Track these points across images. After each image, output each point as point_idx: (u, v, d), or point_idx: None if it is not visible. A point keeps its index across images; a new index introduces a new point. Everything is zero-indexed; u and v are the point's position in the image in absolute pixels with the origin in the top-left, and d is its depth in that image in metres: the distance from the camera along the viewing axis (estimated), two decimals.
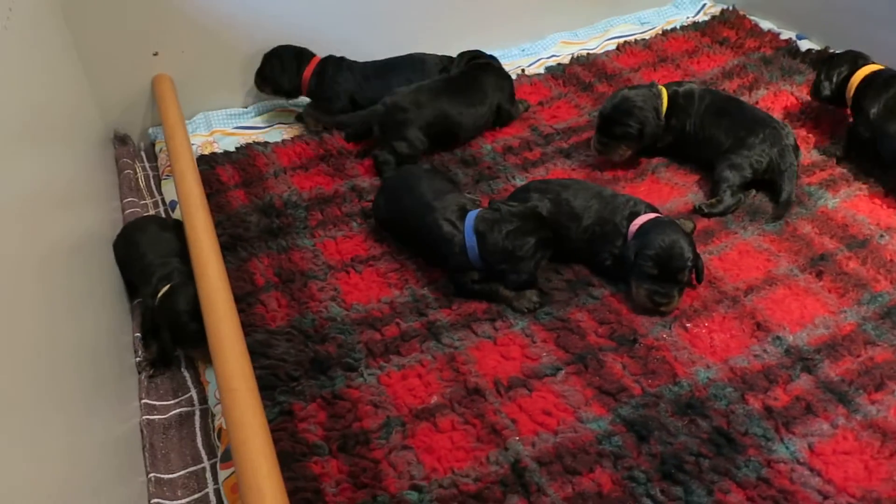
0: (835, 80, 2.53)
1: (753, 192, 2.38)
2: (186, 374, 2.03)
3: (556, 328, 1.97)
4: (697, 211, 2.33)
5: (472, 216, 2.06)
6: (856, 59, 2.53)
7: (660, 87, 2.57)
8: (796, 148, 2.38)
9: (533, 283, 2.06)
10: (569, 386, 1.82)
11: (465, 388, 1.83)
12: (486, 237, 2.01)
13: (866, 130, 2.39)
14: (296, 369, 1.88)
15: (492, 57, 2.88)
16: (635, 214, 2.08)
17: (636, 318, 1.98)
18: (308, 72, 2.87)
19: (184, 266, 2.07)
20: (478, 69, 2.78)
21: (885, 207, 2.28)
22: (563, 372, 1.86)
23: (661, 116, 2.50)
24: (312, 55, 2.91)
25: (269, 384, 1.84)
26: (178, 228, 2.24)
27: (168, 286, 2.02)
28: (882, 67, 2.45)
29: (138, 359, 2.02)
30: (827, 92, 2.54)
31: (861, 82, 2.43)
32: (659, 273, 1.95)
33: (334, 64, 2.88)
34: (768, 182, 2.37)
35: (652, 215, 2.08)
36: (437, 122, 2.63)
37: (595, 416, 1.74)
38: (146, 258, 2.12)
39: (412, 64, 2.87)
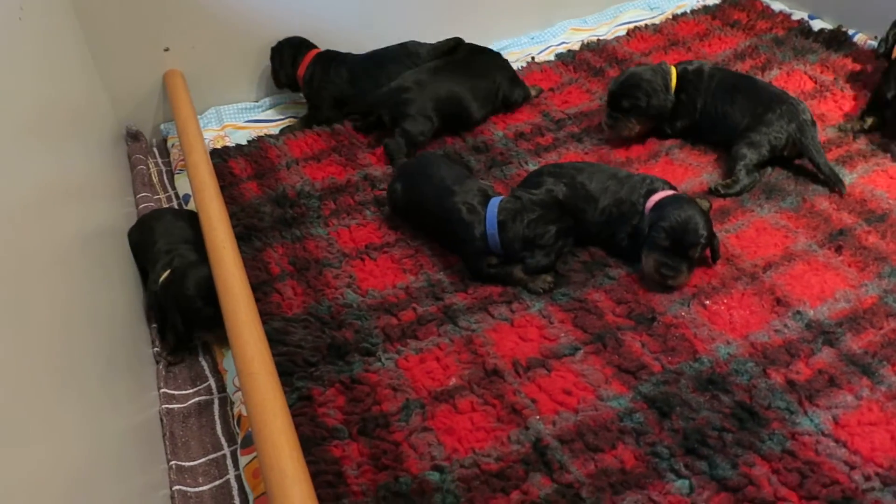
0: (890, 40, 2.55)
1: (769, 170, 2.36)
2: (204, 362, 2.03)
3: (574, 309, 1.96)
4: (713, 192, 2.31)
5: (494, 203, 2.07)
6: None
7: (669, 65, 2.56)
8: (813, 123, 2.36)
9: (551, 269, 2.05)
10: (588, 365, 1.81)
11: (483, 370, 1.82)
12: (507, 225, 2.02)
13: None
14: (313, 355, 1.88)
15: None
16: (652, 191, 2.07)
17: (654, 296, 1.97)
18: (302, 68, 2.86)
19: (190, 253, 2.08)
20: (476, 52, 2.80)
21: None
22: (582, 351, 1.84)
23: (669, 90, 2.49)
24: (311, 48, 2.90)
25: (288, 370, 1.84)
26: (192, 218, 2.24)
27: (169, 271, 2.03)
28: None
29: (156, 349, 2.02)
30: (881, 50, 2.57)
31: None
32: (671, 246, 1.94)
33: (325, 62, 2.84)
34: (787, 159, 2.35)
35: (670, 192, 2.06)
36: (444, 98, 2.63)
37: (616, 394, 1.73)
38: (157, 245, 2.14)
39: (408, 55, 2.85)
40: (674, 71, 2.53)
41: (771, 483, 1.51)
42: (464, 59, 2.77)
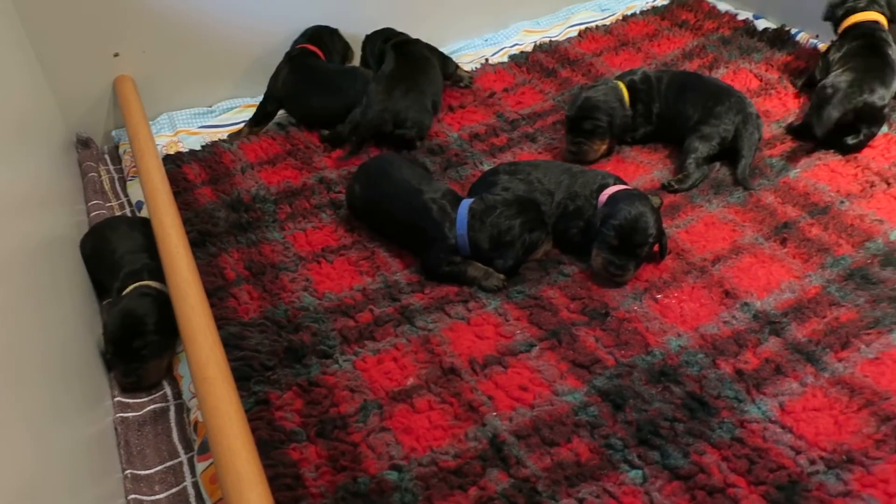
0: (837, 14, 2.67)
1: (717, 165, 2.42)
2: None
3: (529, 306, 1.99)
4: (666, 187, 2.36)
5: (465, 204, 2.09)
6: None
7: (614, 81, 2.61)
8: (757, 117, 2.43)
9: (518, 267, 2.08)
10: (543, 361, 1.83)
11: (440, 369, 1.83)
12: (475, 226, 2.04)
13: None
14: (270, 359, 1.88)
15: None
16: (604, 186, 2.12)
17: (607, 292, 2.01)
18: None
19: (153, 262, 2.05)
20: (404, 51, 2.83)
21: (844, 175, 2.32)
22: (538, 348, 1.87)
23: (625, 105, 2.54)
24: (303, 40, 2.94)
25: (244, 375, 1.83)
26: (146, 226, 2.22)
27: (133, 286, 2.00)
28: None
29: (109, 356, 2.00)
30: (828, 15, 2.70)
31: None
32: (619, 244, 1.98)
33: (286, 61, 2.87)
34: (730, 151, 2.42)
35: (622, 187, 2.11)
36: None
37: (570, 389, 1.76)
38: (115, 254, 2.10)
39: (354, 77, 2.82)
40: (622, 85, 2.58)
41: (721, 470, 1.55)
42: (405, 62, 2.78)
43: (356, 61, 3.10)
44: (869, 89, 2.35)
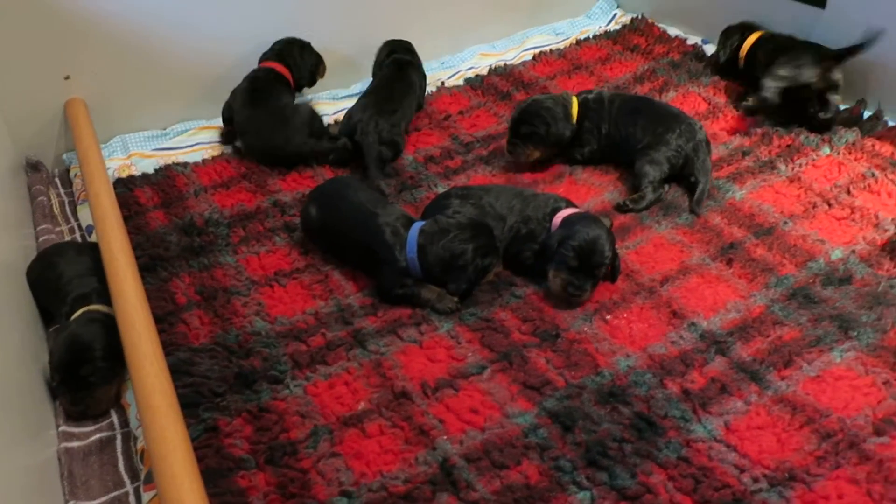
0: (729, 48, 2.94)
1: (667, 187, 2.46)
2: None
3: (481, 328, 2.00)
4: (621, 207, 2.40)
5: (416, 226, 2.10)
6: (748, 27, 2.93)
7: (571, 94, 2.65)
8: (708, 143, 2.48)
9: (472, 291, 2.08)
10: (495, 383, 1.84)
11: (392, 393, 1.83)
12: (425, 249, 2.05)
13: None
14: (220, 385, 1.86)
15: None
16: (557, 210, 2.14)
17: (558, 313, 2.03)
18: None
19: (102, 285, 2.02)
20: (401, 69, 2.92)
21: (788, 196, 2.39)
22: (489, 370, 1.88)
23: (570, 119, 2.57)
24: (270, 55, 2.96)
25: (193, 402, 1.81)
26: (95, 250, 2.19)
27: (81, 312, 1.97)
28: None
29: (54, 384, 1.96)
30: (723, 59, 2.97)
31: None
32: (578, 265, 2.00)
33: (244, 86, 2.85)
34: (682, 177, 2.46)
35: (575, 210, 2.14)
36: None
37: (521, 411, 1.76)
38: (62, 279, 2.07)
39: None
40: (575, 101, 2.62)
41: (667, 490, 1.57)
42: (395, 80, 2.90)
43: (357, 70, 3.15)
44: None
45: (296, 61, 2.96)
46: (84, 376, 1.87)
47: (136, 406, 1.63)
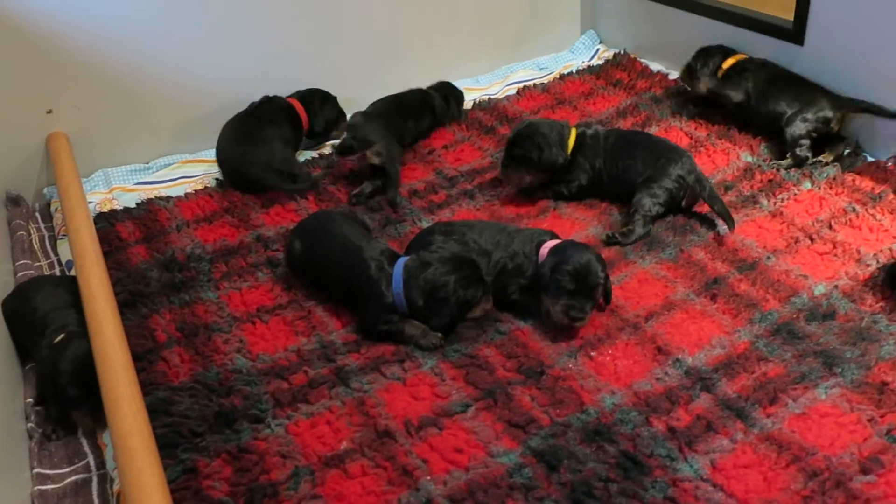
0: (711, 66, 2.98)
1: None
2: (83, 438, 1.93)
3: (465, 365, 1.98)
4: (610, 239, 2.40)
5: (401, 262, 2.09)
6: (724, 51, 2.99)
7: (570, 125, 2.67)
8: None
9: (455, 325, 2.07)
10: (479, 421, 1.82)
11: (375, 432, 1.80)
12: (409, 283, 2.04)
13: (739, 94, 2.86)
14: (199, 425, 1.82)
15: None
16: (542, 242, 2.15)
17: (542, 350, 2.01)
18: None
19: (80, 316, 2.00)
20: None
21: (770, 231, 2.40)
22: (473, 408, 1.86)
23: (565, 147, 2.58)
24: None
25: (172, 442, 1.77)
26: (72, 284, 2.16)
27: (63, 335, 1.94)
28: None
29: (30, 424, 1.92)
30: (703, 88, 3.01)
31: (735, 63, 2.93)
32: (576, 288, 2.00)
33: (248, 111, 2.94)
34: (679, 209, 2.51)
35: (559, 241, 2.14)
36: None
37: (506, 450, 1.74)
38: (38, 312, 2.05)
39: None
40: (574, 132, 2.64)
41: None
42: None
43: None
44: None
45: (314, 108, 3.01)
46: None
47: (113, 448, 1.59)
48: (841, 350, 1.93)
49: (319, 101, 3.05)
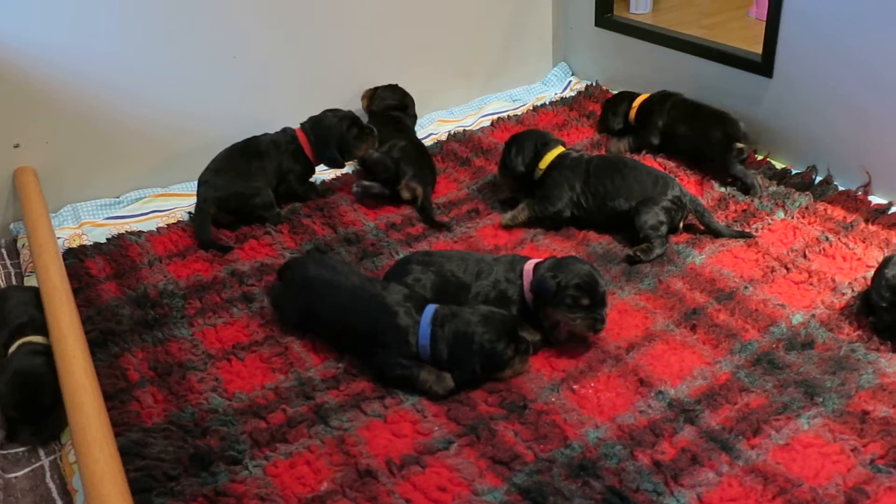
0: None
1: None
2: (52, 484, 1.86)
3: (447, 401, 1.95)
4: (631, 259, 2.44)
5: (430, 310, 2.00)
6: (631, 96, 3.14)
7: (563, 147, 2.75)
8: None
9: (475, 383, 1.98)
10: (462, 458, 1.79)
11: (356, 471, 1.76)
12: (436, 332, 1.96)
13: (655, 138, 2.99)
14: (174, 468, 1.76)
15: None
16: (521, 262, 2.17)
17: (524, 384, 1.99)
18: None
19: (41, 315, 2.02)
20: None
21: (746, 260, 2.42)
22: (456, 444, 1.82)
23: (537, 159, 2.68)
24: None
25: (145, 486, 1.71)
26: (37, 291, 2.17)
27: (21, 342, 1.97)
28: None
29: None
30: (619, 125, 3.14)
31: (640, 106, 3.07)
32: (590, 300, 2.03)
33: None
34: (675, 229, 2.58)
35: (541, 260, 2.16)
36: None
37: (490, 488, 1.71)
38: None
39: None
40: (557, 150, 2.69)
41: None
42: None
43: None
44: None
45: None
46: (42, 406, 1.90)
47: (84, 494, 1.53)
48: (821, 379, 1.93)
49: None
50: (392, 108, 3.19)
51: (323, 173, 3.04)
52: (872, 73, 2.60)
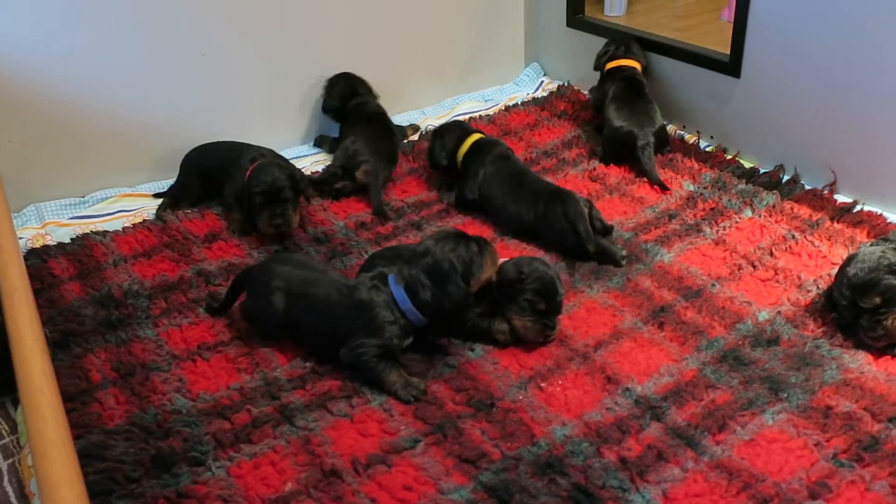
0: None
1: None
2: (9, 487, 1.82)
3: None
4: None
5: (390, 278, 1.99)
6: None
7: (477, 134, 2.82)
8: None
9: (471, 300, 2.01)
10: (429, 457, 1.77)
11: (321, 472, 1.74)
12: (409, 289, 1.95)
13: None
14: (135, 470, 1.73)
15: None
16: None
17: (492, 382, 1.98)
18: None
19: None
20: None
21: (714, 258, 2.43)
22: (423, 443, 1.81)
23: (456, 151, 2.79)
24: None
25: (105, 489, 1.68)
26: None
27: None
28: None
29: None
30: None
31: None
32: (546, 307, 2.04)
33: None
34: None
35: (508, 259, 2.15)
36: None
37: (456, 486, 1.70)
38: None
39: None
40: (472, 138, 2.78)
41: None
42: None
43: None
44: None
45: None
46: None
47: (40, 498, 1.50)
48: (786, 375, 1.95)
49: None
50: (349, 96, 3.16)
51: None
52: (836, 74, 2.63)
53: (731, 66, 2.96)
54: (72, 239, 2.63)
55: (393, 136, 3.09)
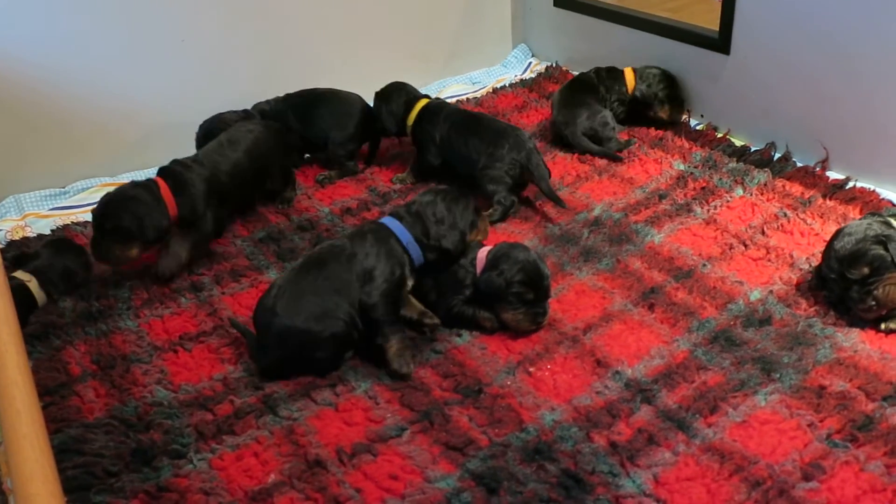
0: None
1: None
2: None
3: (400, 387, 1.90)
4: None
5: (390, 220, 2.07)
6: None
7: (424, 99, 2.81)
8: (538, 151, 2.60)
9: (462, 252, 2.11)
10: (415, 446, 1.74)
11: (305, 462, 1.70)
12: (413, 226, 2.07)
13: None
14: (115, 464, 1.70)
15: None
16: (475, 249, 2.14)
17: (480, 367, 1.95)
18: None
19: None
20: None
21: (705, 238, 2.39)
22: (409, 431, 1.78)
23: (406, 117, 2.78)
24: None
25: (84, 484, 1.65)
26: None
27: None
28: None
29: None
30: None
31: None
32: (535, 295, 2.00)
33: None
34: (523, 185, 2.64)
35: (492, 246, 2.11)
36: None
37: (443, 474, 1.66)
38: None
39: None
40: (420, 103, 2.78)
41: None
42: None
43: None
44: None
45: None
46: None
47: (14, 495, 1.46)
48: (778, 355, 1.91)
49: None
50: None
51: None
52: (828, 48, 2.58)
53: (720, 42, 2.91)
54: (52, 230, 2.58)
55: None
